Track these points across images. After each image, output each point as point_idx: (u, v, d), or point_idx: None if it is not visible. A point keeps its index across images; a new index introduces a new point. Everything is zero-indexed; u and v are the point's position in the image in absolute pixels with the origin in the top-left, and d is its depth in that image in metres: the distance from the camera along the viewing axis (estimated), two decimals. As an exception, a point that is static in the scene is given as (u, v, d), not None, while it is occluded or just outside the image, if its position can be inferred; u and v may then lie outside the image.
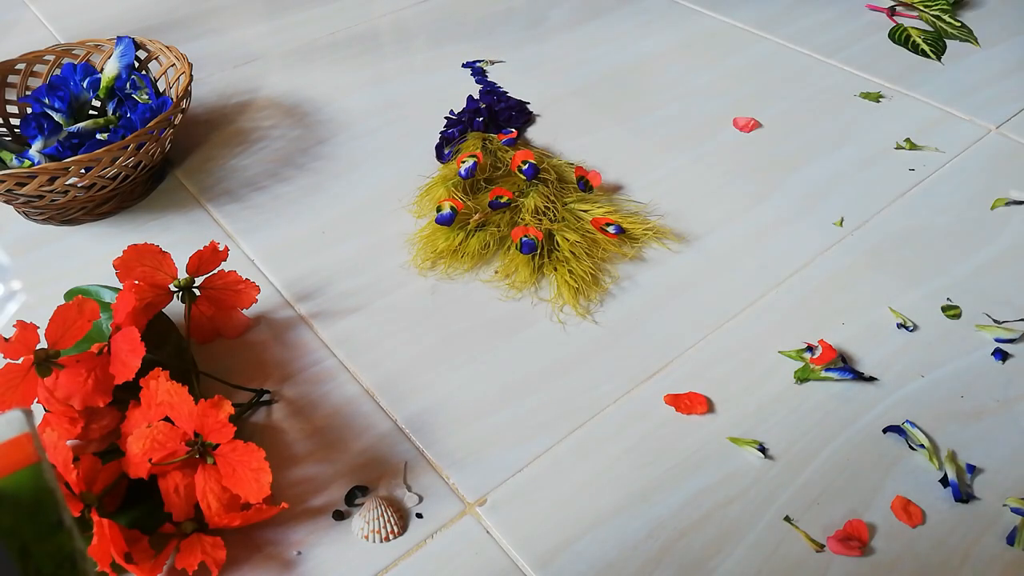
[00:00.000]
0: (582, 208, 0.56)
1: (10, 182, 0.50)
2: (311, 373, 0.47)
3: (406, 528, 0.40)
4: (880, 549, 0.39)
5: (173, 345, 0.46)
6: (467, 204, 0.55)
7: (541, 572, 0.38)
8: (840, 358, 0.47)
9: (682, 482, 0.41)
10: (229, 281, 0.47)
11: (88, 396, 0.40)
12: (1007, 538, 0.39)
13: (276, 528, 0.40)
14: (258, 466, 0.37)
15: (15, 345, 0.40)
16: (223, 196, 0.60)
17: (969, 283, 0.52)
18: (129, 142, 0.53)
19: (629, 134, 0.65)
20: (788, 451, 0.43)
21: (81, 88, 0.63)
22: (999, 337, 0.48)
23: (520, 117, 0.66)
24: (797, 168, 0.61)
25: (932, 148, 0.63)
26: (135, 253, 0.45)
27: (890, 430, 0.43)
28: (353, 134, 0.66)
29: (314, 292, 0.52)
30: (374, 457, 0.43)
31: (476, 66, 0.74)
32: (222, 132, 0.67)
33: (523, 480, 0.42)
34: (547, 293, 0.51)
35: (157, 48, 0.64)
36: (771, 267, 0.53)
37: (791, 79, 0.70)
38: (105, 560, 0.35)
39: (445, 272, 0.53)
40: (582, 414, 0.45)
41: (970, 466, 0.42)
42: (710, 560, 0.38)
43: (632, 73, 0.72)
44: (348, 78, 0.73)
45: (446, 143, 0.63)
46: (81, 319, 0.40)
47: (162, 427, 0.38)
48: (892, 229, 0.56)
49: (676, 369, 0.47)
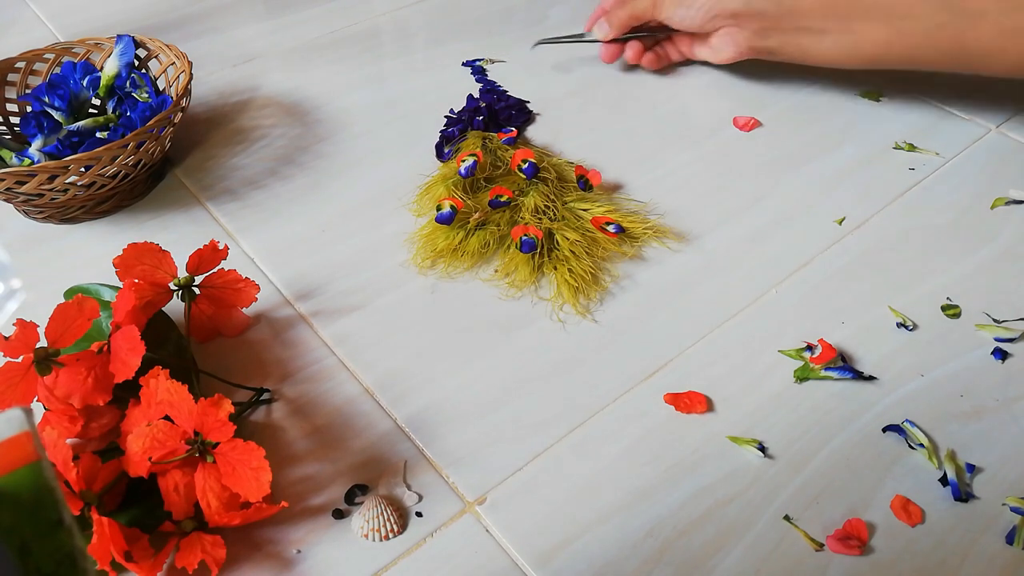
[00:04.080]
0: (582, 207, 0.56)
1: (10, 180, 0.50)
2: (311, 372, 0.47)
3: (406, 527, 0.40)
4: (879, 548, 0.39)
5: (173, 344, 0.46)
6: (467, 203, 0.55)
7: (541, 570, 0.38)
8: (840, 357, 0.47)
9: (681, 481, 0.41)
10: (229, 280, 0.47)
11: (88, 394, 0.40)
12: (1006, 537, 0.39)
13: (276, 527, 0.40)
14: (258, 465, 0.37)
15: (15, 343, 0.40)
16: (223, 195, 0.60)
17: (969, 282, 0.52)
18: (129, 140, 0.53)
19: (629, 133, 0.65)
20: (788, 450, 0.43)
21: (81, 86, 0.63)
22: (999, 336, 0.48)
23: (520, 116, 0.66)
24: (797, 167, 0.61)
25: (932, 148, 0.63)
26: (135, 252, 0.45)
27: (890, 429, 0.43)
28: (353, 133, 0.66)
29: (314, 291, 0.52)
30: (374, 456, 0.43)
31: (476, 65, 0.74)
32: (222, 131, 0.67)
33: (523, 479, 0.42)
34: (547, 292, 0.51)
35: (157, 47, 0.64)
36: (771, 266, 0.53)
37: (791, 78, 0.70)
38: (105, 558, 0.35)
39: (445, 271, 0.53)
40: (582, 413, 0.45)
41: (970, 465, 0.42)
42: (710, 559, 0.38)
43: (632, 72, 0.72)
44: (348, 77, 0.73)
45: (446, 142, 0.63)
46: (81, 317, 0.40)
47: (162, 426, 0.38)
48: (892, 228, 0.56)
49: (676, 368, 0.47)
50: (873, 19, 0.54)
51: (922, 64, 0.55)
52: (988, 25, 0.50)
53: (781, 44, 0.59)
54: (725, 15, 0.60)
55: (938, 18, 0.51)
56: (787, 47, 0.59)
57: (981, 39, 0.51)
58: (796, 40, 0.58)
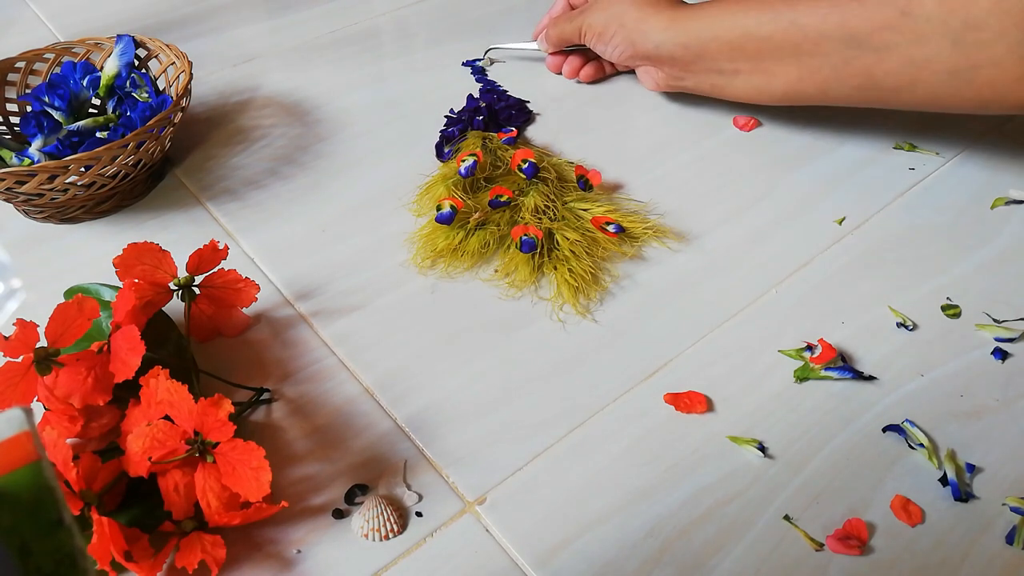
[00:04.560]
0: (582, 207, 0.56)
1: (10, 180, 0.50)
2: (311, 372, 0.47)
3: (406, 527, 0.40)
4: (879, 548, 0.39)
5: (173, 344, 0.46)
6: (467, 203, 0.55)
7: (540, 570, 0.38)
8: (840, 357, 0.47)
9: (682, 481, 0.41)
10: (229, 280, 0.47)
11: (88, 394, 0.40)
12: (1006, 537, 0.39)
13: (276, 527, 0.40)
14: (258, 464, 0.37)
15: (15, 343, 0.40)
16: (223, 194, 0.60)
17: (969, 282, 0.52)
18: (129, 140, 0.53)
19: (629, 133, 0.65)
20: (788, 450, 0.43)
21: (81, 86, 0.63)
22: (999, 336, 0.48)
23: (520, 116, 0.66)
24: (797, 167, 0.61)
25: (932, 148, 0.63)
26: (135, 251, 0.45)
27: (890, 429, 0.43)
28: (353, 132, 0.66)
29: (314, 290, 0.52)
30: (374, 456, 0.43)
31: (476, 65, 0.74)
32: (222, 130, 0.67)
33: (523, 479, 0.42)
34: (547, 292, 0.51)
35: (157, 46, 0.64)
36: (771, 266, 0.53)
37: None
38: (105, 558, 0.35)
39: (445, 271, 0.53)
40: (582, 413, 0.45)
41: (969, 465, 0.42)
42: (710, 559, 0.38)
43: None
44: (348, 76, 0.73)
45: (446, 142, 0.63)
46: (81, 317, 0.40)
47: (162, 425, 0.38)
48: (892, 228, 0.56)
49: (676, 368, 0.47)
50: (782, 58, 0.54)
51: (837, 100, 0.55)
52: (896, 57, 0.49)
53: (696, 84, 0.62)
54: (639, 56, 0.62)
55: (845, 54, 0.51)
56: (702, 86, 0.61)
57: (890, 72, 0.50)
58: (709, 80, 0.60)
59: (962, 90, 0.48)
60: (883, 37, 0.49)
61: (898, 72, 0.50)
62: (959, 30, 0.46)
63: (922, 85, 0.50)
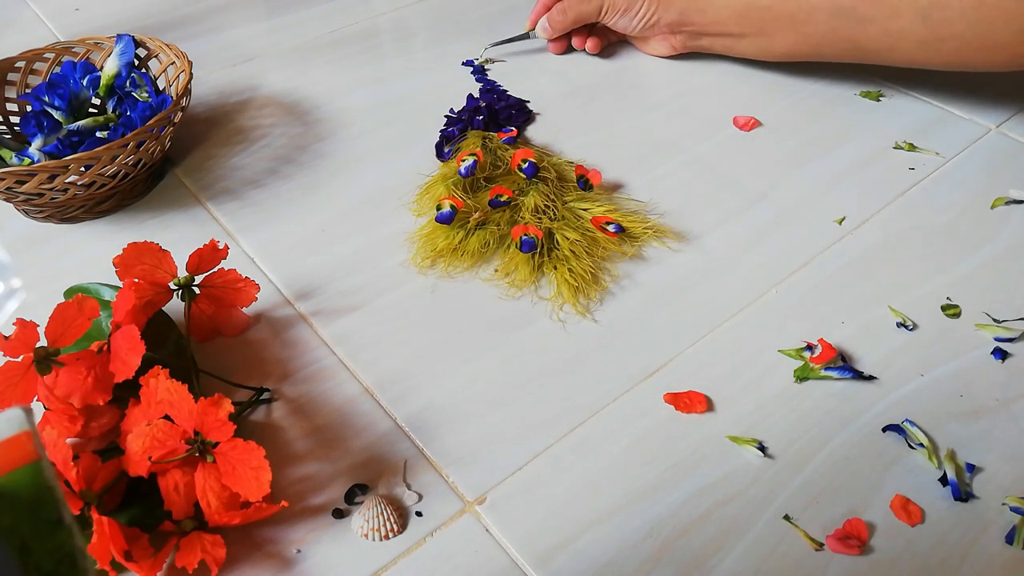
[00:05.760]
0: (582, 207, 0.56)
1: (10, 180, 0.50)
2: (311, 371, 0.47)
3: (406, 526, 0.40)
4: (879, 548, 0.39)
5: (173, 343, 0.46)
6: (467, 203, 0.55)
7: (540, 570, 0.38)
8: (840, 357, 0.47)
9: (681, 481, 0.41)
10: (229, 279, 0.47)
11: (88, 394, 0.40)
12: (1006, 537, 0.39)
13: (276, 526, 0.40)
14: (258, 464, 0.37)
15: (15, 343, 0.40)
16: (223, 194, 0.60)
17: (969, 282, 0.52)
18: (129, 140, 0.53)
19: (629, 133, 0.65)
20: (787, 450, 0.43)
21: (81, 86, 0.63)
22: (999, 336, 0.48)
23: (520, 116, 0.66)
24: (797, 167, 0.61)
25: (932, 147, 0.63)
26: (135, 251, 0.45)
27: (889, 429, 0.43)
28: (353, 132, 0.66)
29: (314, 290, 0.52)
30: (374, 455, 0.43)
31: (476, 64, 0.74)
32: (222, 130, 0.67)
33: (523, 478, 0.42)
34: (547, 291, 0.51)
35: (157, 46, 0.64)
36: (771, 266, 0.53)
37: (791, 78, 0.70)
38: (105, 558, 0.35)
39: (445, 270, 0.53)
40: (582, 412, 0.45)
41: (969, 465, 0.42)
42: (710, 558, 0.38)
43: (632, 71, 0.72)
44: (348, 76, 0.73)
45: (446, 141, 0.63)
46: (81, 317, 0.40)
47: (162, 425, 0.38)
48: (892, 228, 0.56)
49: (676, 368, 0.47)
50: (780, 26, 0.64)
51: (829, 58, 0.65)
52: (875, 28, 0.58)
53: (710, 44, 0.71)
54: (662, 24, 0.70)
55: (833, 23, 0.61)
56: (715, 46, 0.71)
57: (871, 40, 0.59)
58: (721, 42, 0.70)
59: (932, 57, 0.58)
60: (864, 11, 0.58)
61: (878, 40, 0.59)
62: (927, 8, 0.55)
63: (899, 51, 0.59)
